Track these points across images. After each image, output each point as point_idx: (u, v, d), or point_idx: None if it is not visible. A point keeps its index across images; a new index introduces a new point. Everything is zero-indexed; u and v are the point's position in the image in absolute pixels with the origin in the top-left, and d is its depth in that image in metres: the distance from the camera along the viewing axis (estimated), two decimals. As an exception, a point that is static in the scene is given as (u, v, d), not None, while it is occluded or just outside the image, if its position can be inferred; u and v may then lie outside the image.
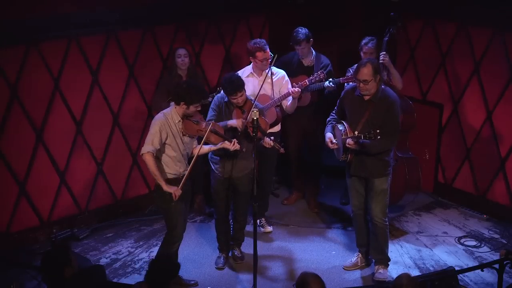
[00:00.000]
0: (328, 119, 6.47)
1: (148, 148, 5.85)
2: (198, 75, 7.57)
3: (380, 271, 6.48)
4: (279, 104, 6.99)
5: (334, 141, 6.23)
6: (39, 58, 6.79)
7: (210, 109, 6.40)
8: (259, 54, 6.86)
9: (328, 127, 6.38)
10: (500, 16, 7.17)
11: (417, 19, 8.08)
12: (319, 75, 6.99)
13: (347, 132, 6.15)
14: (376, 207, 6.31)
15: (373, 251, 6.57)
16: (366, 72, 5.98)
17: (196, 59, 7.91)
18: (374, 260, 6.60)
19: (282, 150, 6.28)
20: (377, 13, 8.10)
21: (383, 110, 6.06)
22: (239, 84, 6.23)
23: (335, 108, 6.47)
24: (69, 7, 6.77)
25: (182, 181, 5.91)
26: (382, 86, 6.17)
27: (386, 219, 6.40)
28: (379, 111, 6.07)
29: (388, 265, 6.55)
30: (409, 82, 7.93)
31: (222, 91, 6.64)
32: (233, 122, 6.27)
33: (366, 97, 6.08)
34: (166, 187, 5.88)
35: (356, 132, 6.04)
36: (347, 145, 6.12)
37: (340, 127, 6.21)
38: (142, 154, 5.89)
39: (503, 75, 7.36)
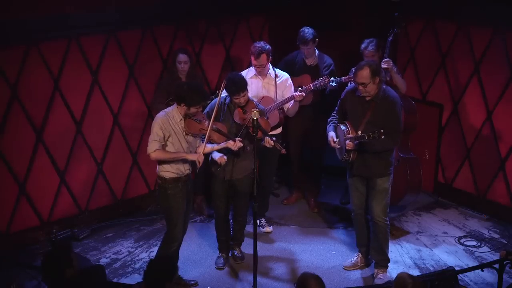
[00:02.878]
0: (329, 119, 6.47)
1: (153, 146, 5.87)
2: (197, 75, 7.57)
3: (379, 276, 6.46)
4: (281, 107, 7.00)
5: (336, 140, 6.24)
6: (39, 58, 6.79)
7: (205, 113, 6.35)
8: (252, 59, 6.92)
9: (330, 127, 6.38)
10: (500, 16, 7.17)
11: (417, 19, 8.07)
12: (324, 80, 6.99)
13: (349, 132, 6.16)
14: (377, 206, 6.31)
15: (373, 251, 6.56)
16: (364, 75, 5.97)
17: (196, 59, 7.91)
18: (374, 262, 6.60)
19: (283, 150, 6.28)
20: (377, 13, 8.10)
21: (385, 110, 6.07)
22: (242, 85, 6.23)
23: (336, 108, 6.47)
24: (69, 7, 6.77)
25: (202, 150, 5.95)
26: (384, 86, 6.17)
27: (387, 219, 6.40)
28: (380, 111, 6.07)
29: (388, 267, 6.54)
30: (409, 82, 7.91)
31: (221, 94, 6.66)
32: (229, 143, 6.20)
33: (368, 97, 6.08)
34: (189, 156, 5.94)
35: (359, 132, 6.04)
36: (347, 147, 6.13)
37: (343, 127, 6.21)
38: (149, 154, 5.90)
39: (503, 75, 7.36)
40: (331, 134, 6.31)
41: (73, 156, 7.26)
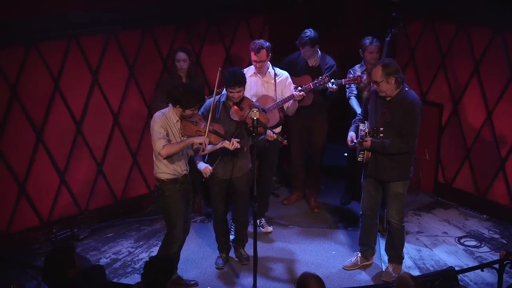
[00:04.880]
0: (354, 119, 6.49)
1: (160, 144, 5.80)
2: (198, 74, 7.57)
3: (389, 269, 6.52)
4: (281, 106, 7.00)
5: (355, 140, 6.23)
6: (39, 58, 6.79)
7: (200, 114, 6.33)
8: (251, 55, 6.93)
9: (352, 127, 6.40)
10: (500, 16, 7.17)
11: (417, 19, 8.08)
12: (324, 79, 6.99)
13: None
14: (392, 209, 6.33)
15: (387, 246, 6.62)
16: (375, 73, 6.02)
17: (196, 59, 7.91)
18: (388, 257, 6.64)
19: (285, 142, 6.29)
20: (377, 13, 8.10)
21: (402, 112, 6.06)
22: (241, 80, 6.23)
23: (362, 108, 6.51)
24: (69, 7, 6.77)
25: (206, 131, 5.91)
26: (406, 89, 6.16)
27: (403, 221, 6.42)
28: (398, 112, 6.06)
29: (402, 263, 6.56)
30: (409, 82, 7.87)
31: (222, 93, 6.67)
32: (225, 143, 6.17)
33: (388, 98, 6.09)
34: (196, 140, 5.88)
35: (366, 129, 6.06)
36: (350, 144, 6.16)
37: (362, 127, 6.23)
38: (159, 153, 5.83)
39: (503, 75, 7.36)
40: (351, 134, 6.31)
41: (73, 156, 7.26)
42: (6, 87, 6.68)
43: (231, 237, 6.95)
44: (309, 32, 7.22)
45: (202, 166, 6.29)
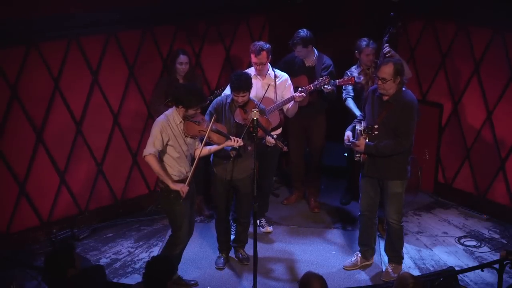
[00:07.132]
0: (355, 119, 6.50)
1: (149, 150, 5.86)
2: (197, 75, 7.57)
3: (389, 269, 6.53)
4: (281, 107, 6.99)
5: (351, 139, 6.24)
6: (39, 58, 6.79)
7: (208, 112, 6.37)
8: (252, 57, 6.93)
9: (350, 126, 6.41)
10: (500, 16, 7.18)
11: (417, 19, 8.08)
12: (324, 80, 6.98)
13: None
14: (391, 209, 6.33)
15: (386, 247, 6.62)
16: (387, 71, 5.99)
17: (196, 59, 7.91)
18: (387, 257, 6.64)
19: (285, 148, 6.29)
20: (377, 13, 8.10)
21: (399, 112, 6.06)
22: (245, 85, 6.22)
23: (362, 109, 6.53)
24: (69, 7, 6.77)
25: (188, 178, 5.93)
26: (404, 89, 6.16)
27: (401, 221, 6.42)
28: (395, 112, 6.06)
29: (401, 263, 6.57)
30: (409, 82, 7.91)
31: (222, 94, 6.66)
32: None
33: (385, 98, 6.09)
34: (173, 185, 5.89)
35: (362, 128, 6.07)
36: (347, 143, 6.15)
37: (358, 127, 6.23)
38: (144, 156, 5.90)
39: (503, 75, 7.37)
40: (347, 133, 6.32)
41: (73, 156, 7.26)
42: (6, 87, 6.67)
43: (232, 237, 6.94)
44: (302, 32, 7.21)
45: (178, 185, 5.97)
